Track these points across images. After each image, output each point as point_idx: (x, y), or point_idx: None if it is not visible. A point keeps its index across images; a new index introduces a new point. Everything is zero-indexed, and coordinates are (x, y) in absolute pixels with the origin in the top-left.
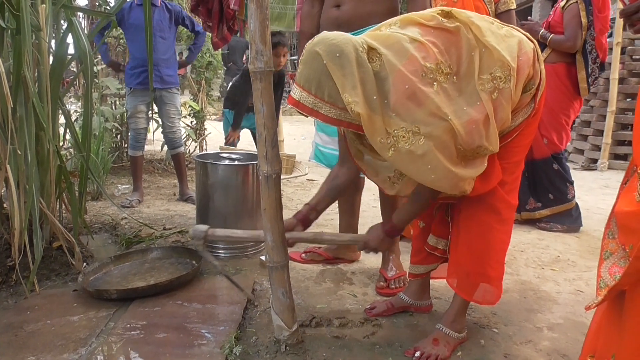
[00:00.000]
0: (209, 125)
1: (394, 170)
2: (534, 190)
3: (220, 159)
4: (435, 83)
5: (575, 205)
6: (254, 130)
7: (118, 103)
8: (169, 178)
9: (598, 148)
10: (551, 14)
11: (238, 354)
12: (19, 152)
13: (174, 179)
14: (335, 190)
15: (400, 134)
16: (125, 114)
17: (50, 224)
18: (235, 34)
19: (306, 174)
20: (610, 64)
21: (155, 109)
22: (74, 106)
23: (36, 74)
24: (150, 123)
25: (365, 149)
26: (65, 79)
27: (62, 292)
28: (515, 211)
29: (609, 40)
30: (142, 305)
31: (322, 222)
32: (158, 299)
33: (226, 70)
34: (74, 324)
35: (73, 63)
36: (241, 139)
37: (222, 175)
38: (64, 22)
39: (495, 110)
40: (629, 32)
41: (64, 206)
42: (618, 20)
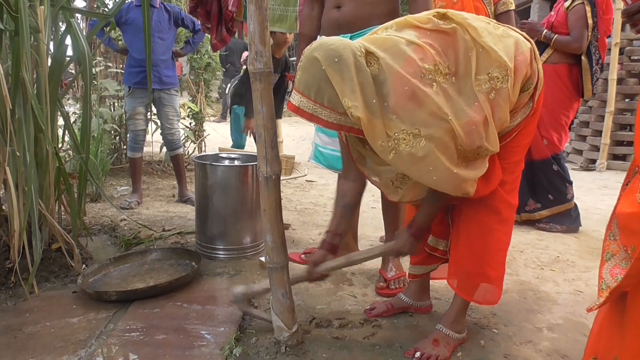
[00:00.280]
0: (208, 127)
1: (397, 174)
2: (533, 191)
3: (219, 160)
4: (434, 84)
5: (575, 206)
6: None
7: (117, 105)
8: (168, 179)
9: (597, 149)
10: (552, 14)
11: (238, 355)
12: (17, 154)
13: (173, 180)
14: (349, 208)
15: (400, 136)
16: (124, 115)
17: (49, 226)
18: (234, 36)
19: (305, 175)
20: (608, 64)
21: (154, 110)
22: (72, 108)
23: (35, 76)
24: (149, 124)
25: (367, 153)
26: (63, 81)
27: (62, 294)
28: (515, 211)
29: (607, 40)
30: (142, 307)
31: (322, 224)
32: (158, 301)
33: (225, 72)
34: (73, 325)
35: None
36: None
37: (222, 176)
38: (62, 24)
39: (493, 111)
40: (627, 33)
41: (63, 208)
42: (616, 21)
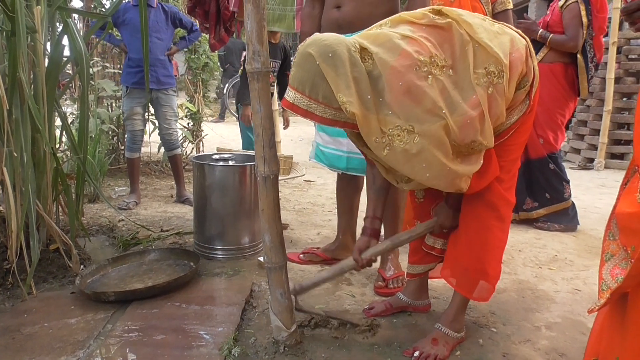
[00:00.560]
0: (206, 127)
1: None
2: (531, 190)
3: (217, 161)
4: (430, 76)
5: (572, 205)
6: None
7: (114, 105)
8: (166, 180)
9: (594, 147)
10: (548, 13)
11: (236, 355)
12: (15, 155)
13: (171, 180)
14: (382, 190)
15: (395, 132)
16: (121, 115)
17: (47, 227)
18: (232, 36)
19: (303, 175)
20: (606, 63)
21: (152, 110)
22: (70, 108)
23: (32, 76)
24: (146, 125)
25: (364, 148)
26: (61, 81)
27: (60, 295)
28: (512, 209)
29: (604, 39)
30: (140, 307)
31: (320, 223)
32: (156, 301)
33: (223, 72)
34: (71, 326)
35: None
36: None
37: (220, 176)
38: (59, 24)
39: (490, 105)
40: (625, 32)
41: (60, 208)
42: (614, 20)
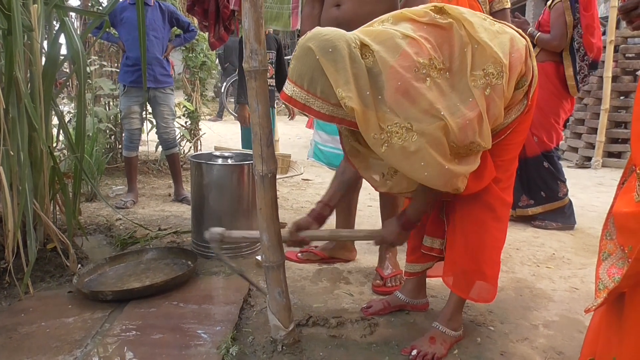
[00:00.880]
0: (204, 126)
1: (388, 168)
2: (527, 188)
3: (215, 159)
4: (428, 78)
5: (568, 203)
6: None
7: (112, 104)
8: (163, 179)
9: (592, 146)
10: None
11: (234, 354)
12: (11, 153)
13: (168, 179)
14: (346, 184)
15: (393, 129)
16: (119, 114)
17: (44, 226)
18: (232, 34)
19: (301, 174)
20: (603, 62)
21: (150, 109)
22: (67, 107)
23: (28, 75)
24: (144, 123)
25: (359, 146)
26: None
27: (57, 294)
28: (510, 209)
29: (602, 38)
30: (138, 307)
31: None
32: (154, 300)
33: (223, 71)
34: (68, 325)
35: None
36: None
37: (217, 175)
38: (56, 22)
39: (488, 107)
40: (622, 31)
41: (58, 207)
42: (611, 19)
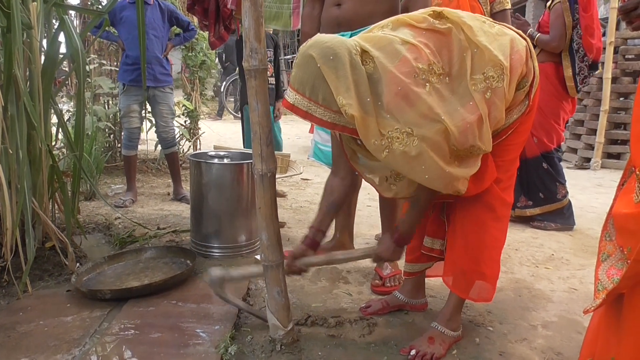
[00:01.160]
0: (203, 125)
1: (391, 171)
2: (527, 188)
3: (214, 158)
4: (427, 84)
5: (567, 205)
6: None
7: (111, 102)
8: (162, 178)
9: (591, 147)
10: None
11: (233, 353)
12: (10, 152)
13: (167, 178)
14: (334, 205)
15: (394, 135)
16: (118, 113)
17: (42, 224)
18: (233, 34)
19: (301, 173)
20: (603, 63)
21: (149, 108)
22: (66, 106)
23: (27, 73)
24: (143, 122)
25: (360, 150)
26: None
27: (55, 293)
28: (510, 209)
29: (602, 39)
30: (137, 305)
31: None
32: (152, 299)
33: (224, 70)
34: (67, 324)
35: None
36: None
37: (217, 174)
38: (55, 21)
39: (489, 110)
40: (622, 32)
41: (56, 206)
42: (611, 20)
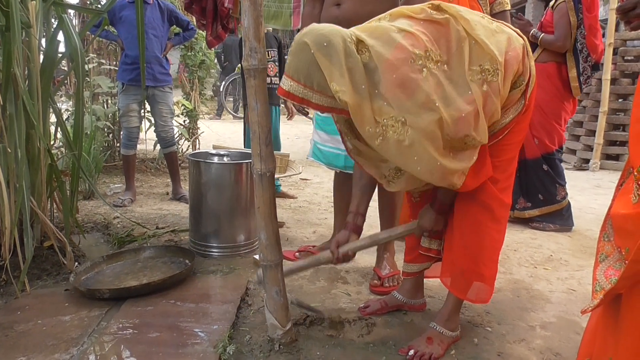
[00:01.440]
0: (202, 124)
1: (390, 169)
2: (526, 190)
3: (213, 158)
4: (424, 69)
5: (567, 206)
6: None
7: (110, 102)
8: (161, 177)
9: (590, 148)
10: (545, 14)
11: (232, 352)
12: (9, 151)
13: (166, 178)
14: (366, 187)
15: (389, 123)
16: (117, 112)
17: (41, 223)
18: (230, 33)
19: (300, 173)
20: (602, 64)
21: (148, 107)
22: (65, 105)
23: (26, 72)
24: (142, 122)
25: (359, 144)
26: (56, 78)
27: (54, 292)
28: (509, 211)
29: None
30: (135, 305)
31: (316, 222)
32: (151, 299)
33: (222, 70)
34: (65, 323)
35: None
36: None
37: (216, 173)
38: (54, 20)
39: (485, 102)
40: (621, 33)
41: (55, 205)
42: (610, 21)
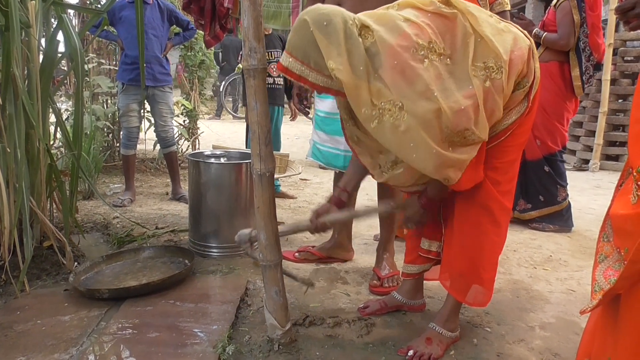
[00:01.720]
0: (202, 124)
1: (386, 161)
2: (526, 191)
3: (213, 158)
4: (426, 60)
5: (567, 207)
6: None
7: (110, 102)
8: (161, 177)
9: (590, 149)
10: (547, 13)
11: (231, 353)
12: (8, 151)
13: (166, 178)
14: (362, 169)
15: (386, 107)
16: (117, 112)
17: (40, 223)
18: (229, 33)
19: (299, 173)
20: (602, 64)
21: (148, 107)
22: (64, 105)
23: (26, 72)
24: (142, 122)
25: (358, 132)
26: (55, 77)
27: (53, 292)
28: (509, 216)
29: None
30: (134, 305)
31: None
32: (150, 299)
33: (220, 70)
34: (65, 323)
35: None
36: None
37: (215, 174)
38: (54, 19)
39: (486, 99)
40: (621, 34)
41: (54, 205)
42: (610, 21)
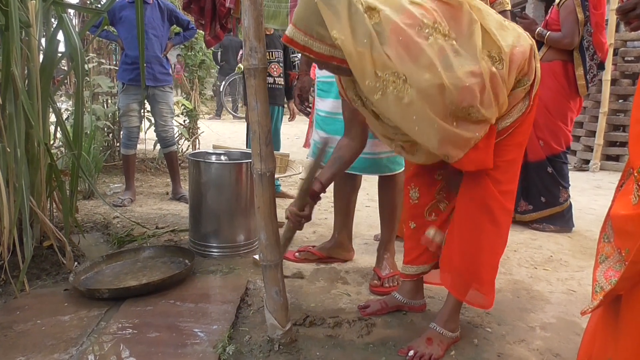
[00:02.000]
0: (202, 124)
1: (405, 141)
2: (527, 193)
3: (213, 158)
4: (430, 37)
5: (568, 207)
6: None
7: (110, 101)
8: (161, 177)
9: (590, 149)
10: (550, 12)
11: (231, 353)
12: (8, 150)
13: (166, 177)
14: (340, 160)
15: (390, 78)
16: (117, 112)
17: (40, 223)
18: (229, 33)
19: (299, 173)
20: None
21: (148, 107)
22: (64, 104)
23: (25, 71)
24: (142, 121)
25: (365, 110)
26: (55, 77)
27: (53, 292)
28: (510, 217)
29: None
30: (134, 305)
31: (316, 222)
32: (150, 298)
33: (220, 70)
34: (64, 323)
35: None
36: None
37: (216, 173)
38: (54, 19)
39: (492, 81)
40: (621, 34)
41: (54, 205)
42: (610, 22)
